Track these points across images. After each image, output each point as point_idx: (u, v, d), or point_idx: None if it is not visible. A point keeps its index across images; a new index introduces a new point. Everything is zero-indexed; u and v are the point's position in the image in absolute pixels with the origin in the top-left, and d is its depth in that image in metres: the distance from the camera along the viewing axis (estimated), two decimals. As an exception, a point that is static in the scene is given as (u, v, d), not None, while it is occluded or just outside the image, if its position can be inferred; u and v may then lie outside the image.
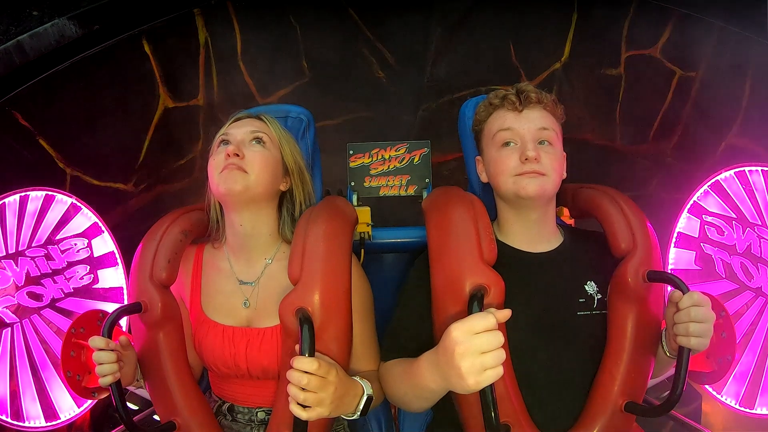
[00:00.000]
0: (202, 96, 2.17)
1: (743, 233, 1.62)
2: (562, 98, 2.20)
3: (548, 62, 2.26)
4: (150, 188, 2.15)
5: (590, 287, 1.03)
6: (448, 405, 0.98)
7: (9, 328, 1.56)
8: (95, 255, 1.63)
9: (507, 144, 1.03)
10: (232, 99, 2.19)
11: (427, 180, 1.49)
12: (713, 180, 1.66)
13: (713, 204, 1.66)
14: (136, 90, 2.06)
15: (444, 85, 2.28)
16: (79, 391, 1.06)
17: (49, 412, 1.55)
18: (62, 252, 1.60)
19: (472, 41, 2.24)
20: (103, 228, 1.63)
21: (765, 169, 1.63)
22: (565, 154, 1.07)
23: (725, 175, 1.65)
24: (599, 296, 1.02)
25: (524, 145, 1.01)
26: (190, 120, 2.17)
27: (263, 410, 1.05)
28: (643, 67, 2.21)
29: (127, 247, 1.65)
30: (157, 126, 2.11)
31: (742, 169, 1.64)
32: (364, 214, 1.36)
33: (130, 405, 1.32)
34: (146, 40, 2.01)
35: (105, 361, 0.90)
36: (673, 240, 1.68)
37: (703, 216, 1.66)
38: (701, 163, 2.13)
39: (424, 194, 1.47)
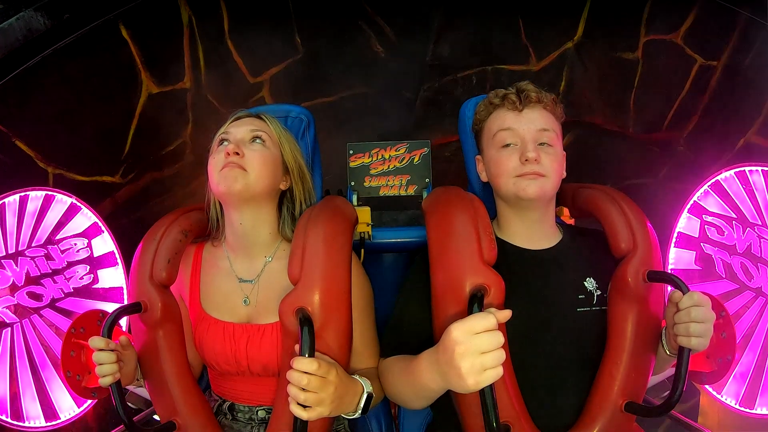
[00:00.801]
0: (189, 78, 2.08)
1: (743, 233, 1.62)
2: (573, 80, 2.17)
3: (560, 41, 2.15)
4: (139, 177, 2.08)
5: (589, 284, 1.03)
6: (448, 405, 0.98)
7: (9, 328, 1.56)
8: (95, 255, 1.63)
9: (507, 145, 1.03)
10: (221, 79, 2.10)
11: (427, 180, 1.49)
12: (713, 180, 1.66)
13: (713, 204, 1.66)
14: (116, 78, 1.97)
15: (448, 64, 2.16)
16: (79, 391, 1.06)
17: (49, 412, 1.55)
18: (62, 252, 1.60)
19: (478, 16, 2.12)
20: (103, 228, 1.64)
21: (765, 169, 1.63)
22: (564, 153, 1.07)
23: (725, 175, 1.65)
24: (598, 292, 1.02)
25: (524, 146, 1.01)
26: (177, 104, 2.08)
27: (263, 409, 1.05)
28: (663, 53, 2.11)
29: (121, 239, 1.64)
30: (142, 113, 2.03)
31: (742, 169, 1.65)
32: (364, 214, 1.36)
33: (130, 405, 1.32)
34: (123, 25, 1.92)
35: (105, 362, 0.90)
36: (673, 240, 1.68)
37: (703, 216, 1.66)
38: (716, 157, 2.06)
39: (424, 194, 1.47)
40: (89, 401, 1.56)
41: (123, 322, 1.16)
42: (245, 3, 2.07)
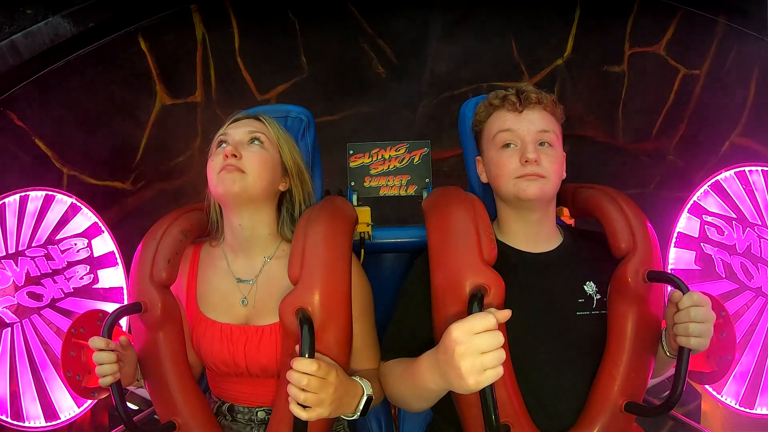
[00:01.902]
0: (200, 93, 2.17)
1: (743, 233, 1.62)
2: (564, 95, 2.25)
3: (550, 58, 2.25)
4: (148, 186, 2.15)
5: (589, 287, 1.03)
6: (448, 405, 0.98)
7: (9, 328, 1.56)
8: (95, 255, 1.63)
9: (507, 145, 1.03)
10: (230, 95, 2.19)
11: (427, 180, 1.49)
12: (713, 180, 1.66)
13: (713, 204, 1.66)
14: (132, 87, 2.06)
15: (445, 81, 2.27)
16: (79, 391, 1.06)
17: (49, 412, 1.55)
18: (62, 252, 1.60)
19: (473, 36, 2.23)
20: (103, 228, 1.64)
21: (765, 169, 1.63)
22: (564, 154, 1.07)
23: (725, 175, 1.65)
24: (598, 296, 1.02)
25: (524, 147, 1.01)
26: (187, 117, 2.17)
27: (263, 410, 1.05)
28: (647, 65, 2.21)
29: (127, 246, 1.66)
30: (155, 123, 2.12)
31: (742, 169, 1.65)
32: (364, 214, 1.36)
33: (130, 405, 1.32)
34: (142, 37, 2.02)
35: (105, 362, 0.90)
36: (673, 240, 1.68)
37: (703, 216, 1.66)
38: (704, 163, 2.13)
39: (424, 194, 1.47)
40: (89, 401, 1.56)
41: (123, 322, 1.16)
42: (255, 24, 2.17)
